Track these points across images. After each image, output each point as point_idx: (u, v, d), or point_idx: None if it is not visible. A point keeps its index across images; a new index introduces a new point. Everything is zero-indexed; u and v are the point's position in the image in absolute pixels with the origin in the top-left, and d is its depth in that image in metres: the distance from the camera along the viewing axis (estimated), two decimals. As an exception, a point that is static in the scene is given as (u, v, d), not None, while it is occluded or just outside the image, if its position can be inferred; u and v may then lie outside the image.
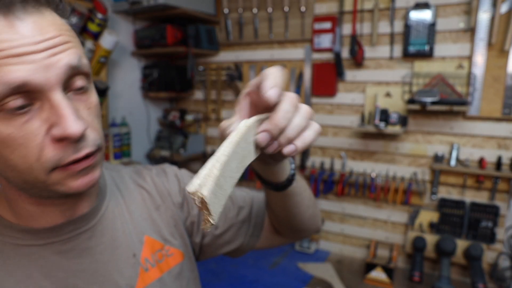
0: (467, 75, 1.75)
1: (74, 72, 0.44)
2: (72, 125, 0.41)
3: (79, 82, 0.45)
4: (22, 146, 0.42)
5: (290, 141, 0.42)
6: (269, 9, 2.15)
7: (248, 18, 2.26)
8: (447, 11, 1.77)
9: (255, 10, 2.20)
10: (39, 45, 0.41)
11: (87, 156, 0.46)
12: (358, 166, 2.07)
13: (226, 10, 2.28)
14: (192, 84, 2.49)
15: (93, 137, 0.46)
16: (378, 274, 1.81)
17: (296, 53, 2.16)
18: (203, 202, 0.33)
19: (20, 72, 0.39)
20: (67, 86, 0.44)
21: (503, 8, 1.64)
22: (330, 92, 2.07)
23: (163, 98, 2.51)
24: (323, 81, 2.08)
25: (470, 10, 1.70)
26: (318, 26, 2.03)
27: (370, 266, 1.83)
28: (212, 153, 1.90)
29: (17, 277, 0.49)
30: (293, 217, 0.64)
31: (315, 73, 2.10)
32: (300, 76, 2.15)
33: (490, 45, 1.68)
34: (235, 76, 2.30)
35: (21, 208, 0.50)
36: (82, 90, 0.46)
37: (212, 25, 2.36)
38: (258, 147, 0.42)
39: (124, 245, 0.58)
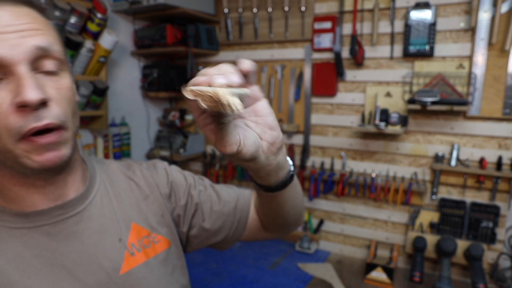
0: (468, 75, 1.74)
1: (42, 54, 0.50)
2: (29, 92, 0.46)
3: (48, 65, 0.51)
4: None
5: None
6: (269, 9, 2.15)
7: (248, 17, 2.25)
8: (448, 10, 1.77)
9: (255, 10, 2.20)
10: (11, 28, 0.47)
11: (50, 130, 0.50)
12: (358, 166, 2.06)
13: (226, 10, 2.28)
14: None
15: (57, 112, 0.50)
16: (378, 274, 1.80)
17: (296, 52, 2.15)
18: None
19: None
20: (37, 67, 0.50)
21: (504, 8, 1.64)
22: (331, 92, 2.07)
23: (163, 98, 2.51)
24: (323, 81, 2.08)
25: (470, 10, 1.70)
26: (318, 25, 2.03)
27: (370, 266, 1.83)
28: (212, 153, 1.91)
29: (9, 256, 0.53)
30: (276, 215, 0.70)
31: (315, 73, 2.10)
32: (300, 76, 2.15)
33: (490, 44, 1.68)
34: (235, 76, 2.30)
35: (8, 190, 0.55)
36: (52, 73, 0.51)
37: (212, 25, 2.35)
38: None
39: (110, 230, 0.62)
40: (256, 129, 0.51)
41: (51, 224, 0.57)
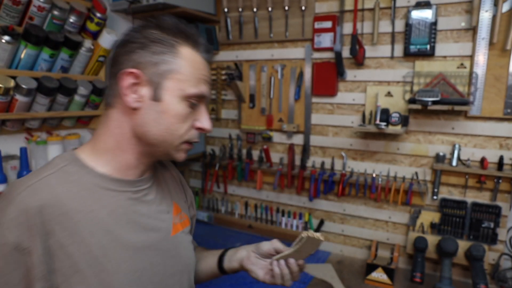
0: (469, 74, 1.73)
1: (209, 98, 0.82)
2: (210, 125, 0.80)
3: None
4: (184, 122, 0.76)
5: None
6: (269, 8, 2.14)
7: (248, 17, 2.25)
8: (449, 10, 1.76)
9: (255, 9, 2.19)
10: (208, 79, 0.80)
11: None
12: (359, 166, 2.05)
13: (226, 9, 2.27)
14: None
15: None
16: (379, 274, 1.79)
17: (297, 52, 2.14)
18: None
19: (205, 89, 0.78)
20: None
21: (505, 7, 1.63)
22: (331, 91, 2.06)
23: (162, 97, 2.50)
24: (324, 80, 2.07)
25: (471, 9, 1.69)
26: (318, 25, 2.02)
27: (371, 267, 1.82)
28: (212, 153, 1.94)
29: (108, 210, 0.74)
30: (204, 279, 1.08)
31: (316, 73, 2.09)
32: (301, 76, 2.14)
33: (491, 44, 1.67)
34: (235, 76, 2.29)
35: (127, 159, 0.78)
36: None
37: (212, 24, 2.35)
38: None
39: (163, 204, 0.87)
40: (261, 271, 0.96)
41: (133, 192, 0.79)
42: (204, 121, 0.78)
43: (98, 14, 1.76)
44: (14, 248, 0.64)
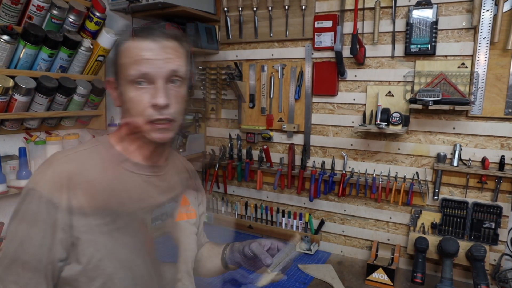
0: (470, 74, 1.73)
1: (173, 73, 0.83)
2: (161, 99, 0.81)
3: (174, 79, 0.84)
4: (137, 104, 0.82)
5: None
6: (269, 7, 2.13)
7: (248, 16, 2.24)
8: (449, 9, 1.75)
9: (255, 9, 2.18)
10: (159, 56, 0.82)
11: (166, 121, 0.83)
12: (359, 166, 2.05)
13: (225, 9, 2.26)
14: (191, 83, 2.46)
15: (173, 111, 0.84)
16: (379, 275, 1.79)
17: (297, 51, 2.14)
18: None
19: (146, 68, 0.81)
20: (168, 80, 0.83)
21: (506, 7, 1.63)
22: (331, 91, 2.05)
23: (162, 97, 2.49)
24: (324, 80, 2.06)
25: (472, 9, 1.68)
26: (319, 24, 2.01)
27: (371, 267, 1.81)
28: (212, 153, 1.96)
29: (123, 186, 0.88)
30: (210, 274, 1.19)
31: (316, 72, 2.08)
32: (301, 75, 2.13)
33: (492, 43, 1.66)
34: (235, 75, 2.28)
35: (132, 145, 0.90)
36: (175, 85, 0.85)
37: (212, 24, 2.34)
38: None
39: (173, 193, 1.01)
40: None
41: (147, 176, 0.92)
42: (156, 97, 0.81)
43: (97, 14, 1.75)
44: (48, 201, 0.78)
